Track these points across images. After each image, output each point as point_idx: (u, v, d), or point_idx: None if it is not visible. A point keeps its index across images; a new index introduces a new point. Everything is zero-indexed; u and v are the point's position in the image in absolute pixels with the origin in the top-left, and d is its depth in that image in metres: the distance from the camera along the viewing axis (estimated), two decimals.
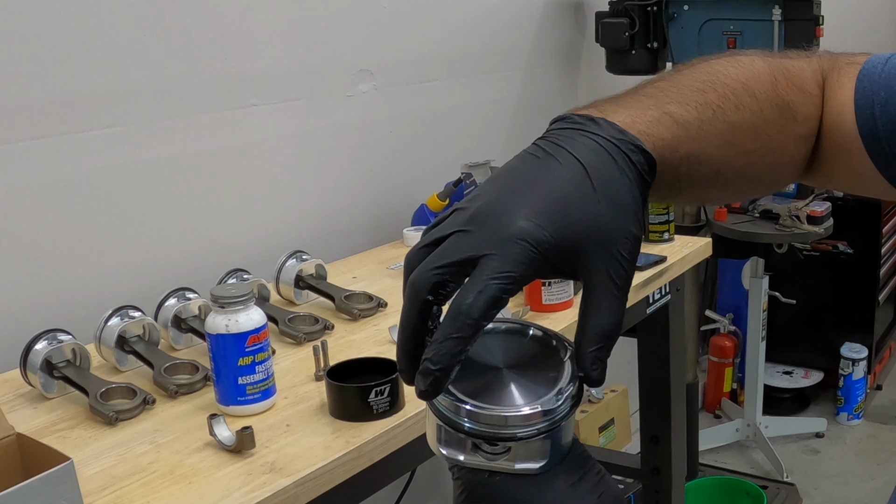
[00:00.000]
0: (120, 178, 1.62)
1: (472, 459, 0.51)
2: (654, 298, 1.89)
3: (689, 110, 0.60)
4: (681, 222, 2.78)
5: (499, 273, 0.49)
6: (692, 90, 0.61)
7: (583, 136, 0.54)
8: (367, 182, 2.11)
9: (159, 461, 1.12)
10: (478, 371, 0.53)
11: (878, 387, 3.72)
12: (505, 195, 0.52)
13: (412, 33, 2.19)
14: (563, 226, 0.51)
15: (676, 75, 0.64)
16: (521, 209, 0.51)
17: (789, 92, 0.66)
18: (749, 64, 0.65)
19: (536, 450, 0.51)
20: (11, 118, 1.46)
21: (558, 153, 0.54)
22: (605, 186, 0.52)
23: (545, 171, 0.53)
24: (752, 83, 0.64)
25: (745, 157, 0.64)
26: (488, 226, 0.51)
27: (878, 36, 5.16)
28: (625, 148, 0.54)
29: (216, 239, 1.79)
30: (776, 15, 2.52)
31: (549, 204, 0.51)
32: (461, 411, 0.51)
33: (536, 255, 0.50)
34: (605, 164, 0.53)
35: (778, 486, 2.96)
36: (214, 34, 1.75)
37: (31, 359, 1.30)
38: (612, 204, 0.52)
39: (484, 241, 0.50)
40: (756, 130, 0.63)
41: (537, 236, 0.50)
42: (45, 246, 1.53)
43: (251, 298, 1.22)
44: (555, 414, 0.51)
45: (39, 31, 1.48)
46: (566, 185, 0.52)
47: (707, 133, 0.60)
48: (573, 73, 2.83)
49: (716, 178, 0.63)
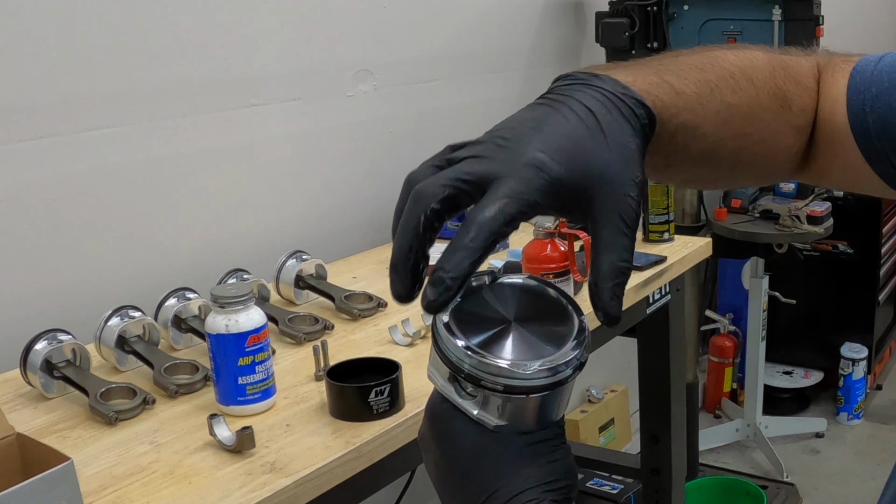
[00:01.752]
0: (120, 178, 1.62)
1: (445, 387, 0.53)
2: (654, 298, 1.89)
3: (687, 84, 0.61)
4: (681, 222, 2.78)
5: (515, 193, 0.50)
6: (692, 68, 0.63)
7: (589, 88, 0.56)
8: (367, 182, 2.11)
9: (159, 461, 1.12)
10: (483, 317, 0.53)
11: (878, 387, 3.72)
12: (519, 131, 0.53)
13: (412, 33, 2.19)
14: (576, 163, 0.52)
15: (677, 55, 0.65)
16: (536, 142, 0.52)
17: (786, 82, 0.67)
18: (748, 53, 0.67)
19: (497, 406, 0.52)
20: (11, 118, 1.46)
21: (568, 101, 0.55)
22: (613, 133, 0.54)
23: (557, 115, 0.54)
24: (751, 70, 0.65)
25: (739, 139, 0.65)
26: (504, 152, 0.52)
27: (878, 36, 5.16)
28: (628, 101, 0.55)
29: (216, 239, 1.79)
30: (776, 15, 2.52)
31: (563, 142, 0.53)
32: (448, 339, 0.52)
33: (550, 186, 0.51)
34: (612, 113, 0.54)
35: (778, 486, 2.96)
36: (214, 34, 1.75)
37: (31, 359, 1.30)
38: (620, 149, 0.53)
39: (500, 164, 0.51)
40: (752, 114, 0.64)
41: (552, 168, 0.51)
42: (45, 246, 1.53)
43: (251, 298, 1.22)
44: (525, 381, 0.51)
45: (40, 31, 1.48)
46: (578, 128, 0.53)
47: (704, 109, 0.62)
48: None
49: (709, 155, 0.64)
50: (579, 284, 1.64)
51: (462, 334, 0.52)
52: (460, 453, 0.52)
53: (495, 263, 1.77)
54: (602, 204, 0.52)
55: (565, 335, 0.53)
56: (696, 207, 2.95)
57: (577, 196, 0.52)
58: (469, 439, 0.52)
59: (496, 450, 0.52)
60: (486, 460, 0.52)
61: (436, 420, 0.54)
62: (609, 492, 2.26)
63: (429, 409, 0.55)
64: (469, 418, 0.52)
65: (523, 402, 0.51)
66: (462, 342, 0.51)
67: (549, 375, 0.51)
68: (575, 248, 1.61)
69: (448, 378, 0.53)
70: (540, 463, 0.52)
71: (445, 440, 0.53)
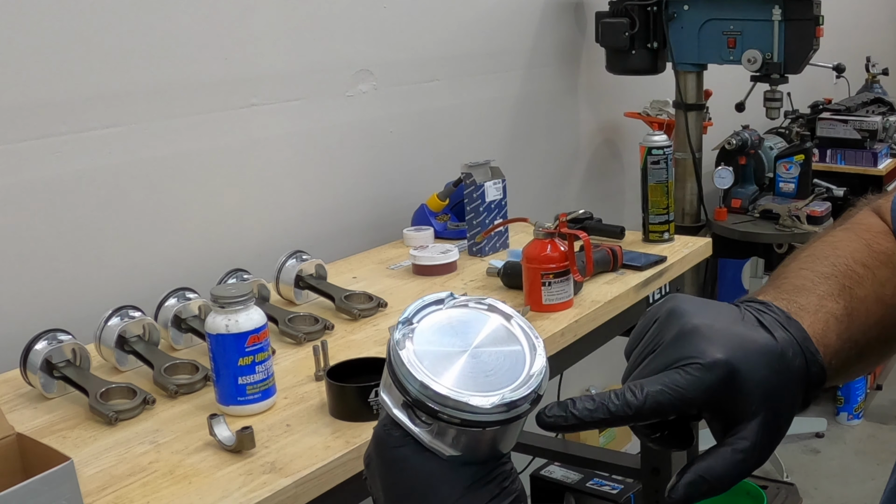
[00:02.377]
0: (120, 178, 1.62)
1: (398, 413, 0.53)
2: (654, 298, 1.89)
3: (838, 301, 0.64)
4: (681, 222, 2.78)
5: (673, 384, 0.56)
6: (825, 278, 0.66)
7: (784, 331, 0.59)
8: (367, 182, 2.11)
9: (159, 461, 1.12)
10: (442, 343, 0.53)
11: (878, 387, 3.72)
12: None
13: (412, 33, 2.19)
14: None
15: (801, 265, 0.69)
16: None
17: (878, 239, 0.71)
18: (839, 236, 0.71)
19: (452, 437, 0.52)
20: (11, 118, 1.46)
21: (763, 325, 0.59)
22: (786, 375, 0.58)
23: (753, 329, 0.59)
24: (857, 253, 0.69)
25: (879, 325, 0.67)
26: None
27: (878, 36, 5.16)
28: (809, 360, 0.59)
29: (216, 239, 1.79)
30: (776, 15, 2.52)
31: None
32: (407, 370, 0.51)
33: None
34: (794, 359, 0.58)
35: (778, 486, 2.96)
36: (214, 34, 1.75)
37: (31, 359, 1.30)
38: (783, 398, 0.58)
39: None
40: (879, 298, 0.67)
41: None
42: (45, 246, 1.53)
43: (251, 298, 1.22)
44: (483, 416, 0.51)
45: (39, 31, 1.48)
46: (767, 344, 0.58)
47: (851, 321, 0.64)
48: (573, 73, 2.83)
49: (864, 351, 0.67)
50: (579, 284, 1.64)
51: (421, 364, 0.52)
52: (413, 481, 0.53)
53: (495, 263, 1.77)
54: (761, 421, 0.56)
55: (523, 365, 0.53)
56: (696, 207, 2.95)
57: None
58: (422, 467, 0.53)
59: (450, 479, 0.52)
60: (440, 489, 0.52)
61: (386, 446, 0.54)
62: (609, 492, 2.26)
63: (378, 433, 0.55)
64: (421, 446, 0.52)
65: (479, 435, 0.52)
66: (421, 374, 0.51)
67: (506, 410, 0.51)
68: (575, 249, 1.61)
69: (402, 405, 0.52)
70: (494, 492, 0.53)
71: (397, 467, 0.53)
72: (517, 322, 0.56)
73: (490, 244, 1.94)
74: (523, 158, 2.59)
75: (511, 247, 1.96)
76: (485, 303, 0.57)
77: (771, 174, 3.13)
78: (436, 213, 2.08)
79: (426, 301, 0.56)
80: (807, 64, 2.60)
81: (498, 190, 1.95)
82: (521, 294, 1.62)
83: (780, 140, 3.35)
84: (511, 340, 0.55)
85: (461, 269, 1.84)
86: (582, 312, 1.60)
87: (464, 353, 0.53)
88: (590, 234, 1.74)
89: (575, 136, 2.89)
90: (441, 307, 0.55)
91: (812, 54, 2.58)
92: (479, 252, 1.93)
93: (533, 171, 2.65)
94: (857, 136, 3.54)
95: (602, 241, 1.93)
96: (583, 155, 2.95)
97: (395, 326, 0.54)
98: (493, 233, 1.92)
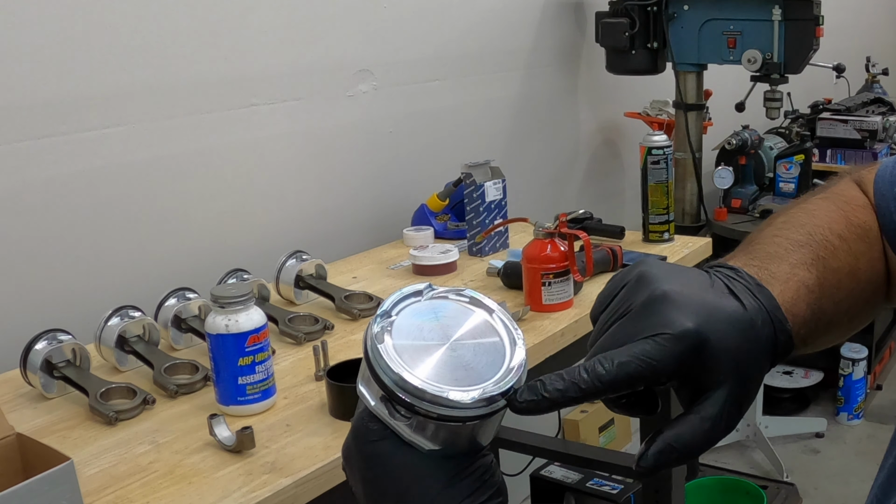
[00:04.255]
0: (120, 178, 1.62)
1: (377, 406, 0.52)
2: None
3: (811, 270, 0.63)
4: (681, 222, 2.78)
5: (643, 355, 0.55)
6: (797, 246, 0.65)
7: (753, 298, 0.58)
8: (367, 182, 2.11)
9: (159, 461, 1.12)
10: (421, 337, 0.53)
11: (878, 387, 3.72)
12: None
13: (412, 33, 2.19)
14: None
15: (776, 232, 0.68)
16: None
17: (856, 213, 0.69)
18: (817, 204, 0.70)
19: (432, 431, 0.51)
20: (11, 118, 1.46)
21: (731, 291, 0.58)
22: (755, 344, 0.56)
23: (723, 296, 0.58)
24: (834, 224, 0.68)
25: (850, 298, 0.66)
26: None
27: (878, 36, 5.16)
28: (778, 328, 0.58)
29: (216, 239, 1.79)
30: (776, 15, 2.52)
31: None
32: (385, 363, 0.51)
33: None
34: (763, 328, 0.57)
35: (778, 486, 2.96)
36: (214, 34, 1.75)
37: (31, 359, 1.30)
38: (751, 367, 0.56)
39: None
40: (853, 272, 0.66)
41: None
42: (45, 246, 1.53)
43: (251, 298, 1.22)
44: (463, 410, 0.51)
45: (39, 31, 1.48)
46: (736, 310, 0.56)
47: (822, 292, 0.63)
48: (573, 73, 2.83)
49: (831, 326, 0.66)
50: (579, 284, 1.64)
51: (400, 357, 0.51)
52: (393, 475, 0.53)
53: (495, 263, 1.77)
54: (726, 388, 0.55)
55: (503, 358, 0.53)
56: (696, 207, 2.95)
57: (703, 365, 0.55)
58: (402, 461, 0.52)
59: (430, 473, 0.52)
60: (420, 483, 0.52)
61: (365, 439, 0.54)
62: (609, 492, 2.25)
63: (357, 426, 0.55)
64: (400, 440, 0.52)
65: (458, 429, 0.51)
66: (400, 369, 0.51)
67: (486, 405, 0.51)
68: (575, 248, 1.61)
69: (381, 398, 0.52)
70: (474, 486, 0.53)
71: (377, 461, 0.53)
72: (498, 315, 0.55)
73: (490, 244, 1.94)
74: (523, 158, 2.59)
75: (511, 247, 1.96)
76: (465, 295, 0.56)
77: (771, 174, 3.13)
78: (436, 213, 2.08)
79: (404, 293, 0.55)
80: (807, 64, 2.60)
81: (498, 190, 1.95)
82: (521, 294, 1.62)
83: (780, 140, 3.35)
84: (491, 333, 0.54)
85: (461, 269, 1.84)
86: (582, 312, 1.60)
87: (443, 346, 0.53)
88: (590, 234, 1.74)
89: (575, 136, 2.89)
90: (420, 299, 0.55)
91: (812, 54, 2.58)
92: (479, 252, 1.93)
93: (533, 171, 2.65)
94: (857, 136, 3.54)
95: (602, 241, 1.93)
96: (583, 155, 2.95)
97: (374, 319, 0.53)
98: (493, 233, 1.92)
